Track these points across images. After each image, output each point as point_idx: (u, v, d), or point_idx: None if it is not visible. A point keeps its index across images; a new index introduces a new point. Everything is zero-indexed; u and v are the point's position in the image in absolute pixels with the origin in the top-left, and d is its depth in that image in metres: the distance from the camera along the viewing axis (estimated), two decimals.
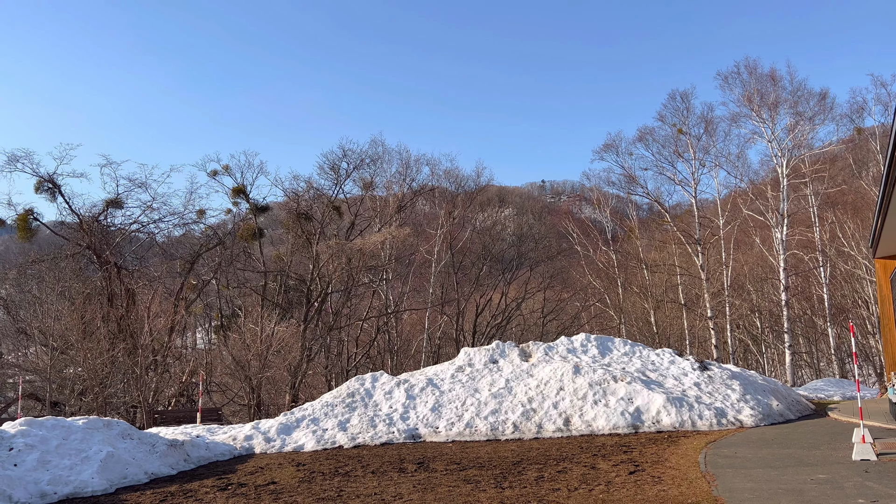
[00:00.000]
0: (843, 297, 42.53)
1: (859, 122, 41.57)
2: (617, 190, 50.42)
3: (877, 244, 22.24)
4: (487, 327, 42.03)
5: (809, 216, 41.10)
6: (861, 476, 9.84)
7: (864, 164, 41.29)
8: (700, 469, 11.10)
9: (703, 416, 16.81)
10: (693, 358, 21.02)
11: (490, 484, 10.89)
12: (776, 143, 38.60)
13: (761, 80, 39.84)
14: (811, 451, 12.42)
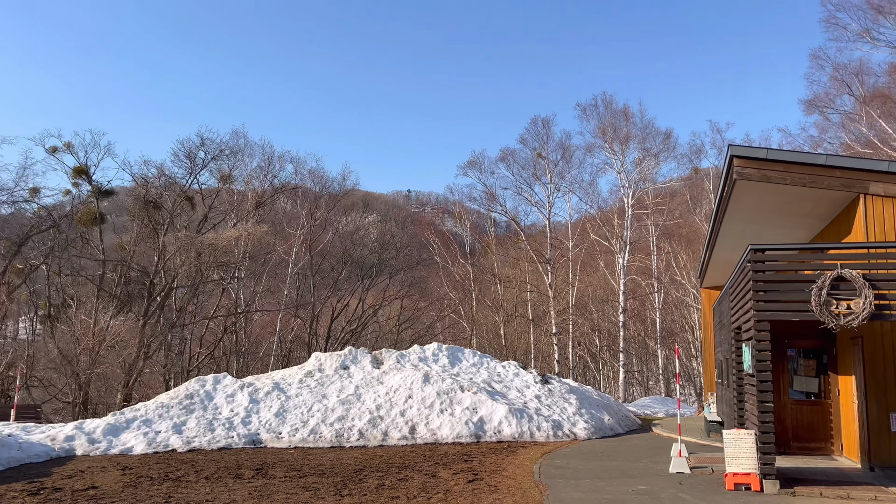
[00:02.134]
0: (672, 322, 46.18)
1: (697, 162, 45.49)
2: (478, 206, 51.86)
3: (704, 275, 24.40)
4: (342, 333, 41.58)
5: (649, 245, 44.36)
6: (675, 488, 10.68)
7: (699, 201, 45.16)
8: (534, 479, 11.57)
9: (541, 427, 17.56)
10: (536, 371, 21.94)
11: (329, 491, 10.73)
12: (625, 175, 41.38)
13: (616, 114, 42.63)
14: (635, 464, 13.32)
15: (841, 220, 13.65)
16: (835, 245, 11.95)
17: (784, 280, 10.63)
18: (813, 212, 14.21)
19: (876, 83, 34.07)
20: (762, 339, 10.48)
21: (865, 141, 32.40)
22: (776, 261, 11.07)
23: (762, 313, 10.46)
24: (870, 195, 11.96)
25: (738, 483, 10.35)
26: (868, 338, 11.70)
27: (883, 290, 9.99)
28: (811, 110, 36.87)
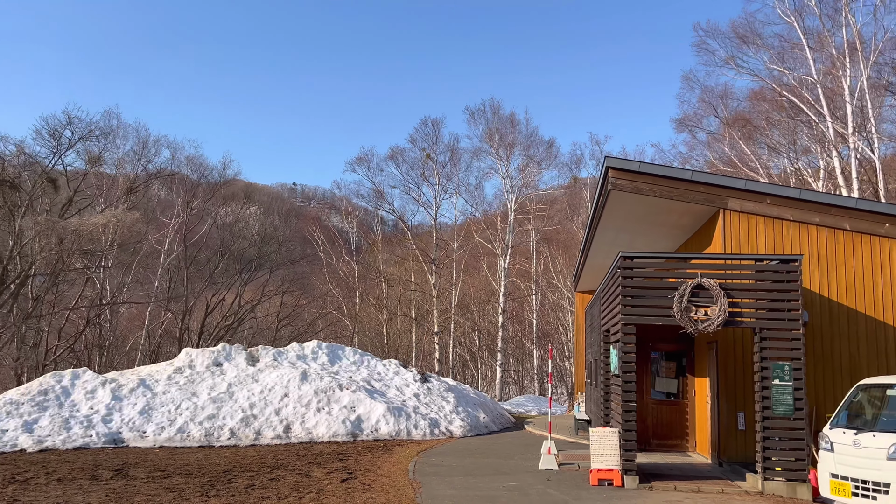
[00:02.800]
0: (548, 324, 47.92)
1: (577, 171, 47.48)
2: (366, 203, 51.56)
3: (578, 280, 25.47)
4: (217, 328, 39.97)
5: (529, 249, 45.81)
6: (544, 484, 11.06)
7: (577, 209, 47.14)
8: (409, 477, 11.62)
9: (418, 425, 17.67)
10: (416, 370, 22.06)
11: (195, 492, 10.27)
12: (509, 181, 42.50)
13: (502, 121, 43.70)
14: (507, 461, 13.69)
15: (703, 232, 14.66)
16: (696, 255, 12.79)
17: (650, 286, 11.26)
18: (679, 223, 15.17)
19: (738, 107, 36.91)
20: (628, 341, 11.06)
21: (727, 160, 34.99)
22: (644, 268, 11.73)
23: (629, 317, 11.04)
24: (728, 210, 12.92)
25: (602, 478, 10.87)
26: (722, 343, 12.62)
27: (736, 298, 10.82)
28: (681, 129, 39.39)
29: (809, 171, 32.90)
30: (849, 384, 11.48)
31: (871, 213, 12.61)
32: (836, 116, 28.32)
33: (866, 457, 8.46)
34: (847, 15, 27.86)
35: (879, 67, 28.88)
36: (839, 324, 12.44)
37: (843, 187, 27.80)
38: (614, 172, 13.28)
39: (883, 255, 12.53)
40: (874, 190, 27.50)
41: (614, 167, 13.33)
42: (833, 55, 28.38)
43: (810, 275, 12.50)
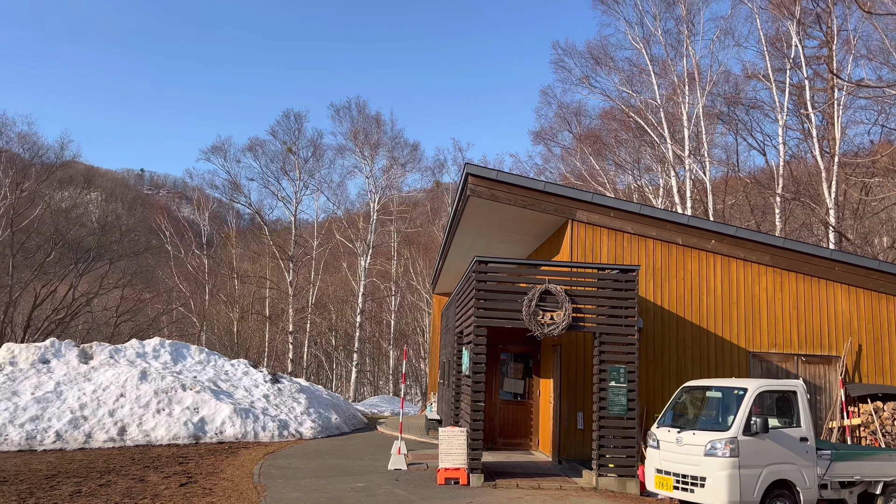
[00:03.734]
0: (406, 325, 48.27)
1: (440, 176, 48.25)
2: (220, 195, 49.38)
3: (436, 282, 25.88)
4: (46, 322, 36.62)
5: (390, 250, 45.94)
6: (392, 484, 11.10)
7: (438, 213, 47.87)
8: (253, 480, 11.24)
9: (266, 427, 17.15)
10: (267, 370, 21.41)
11: (11, 501, 9.34)
12: (373, 181, 42.42)
13: (368, 120, 43.55)
14: (357, 462, 13.61)
15: (553, 240, 15.39)
16: (546, 262, 13.40)
17: (502, 290, 11.64)
18: (531, 231, 15.82)
19: (591, 124, 39.15)
20: (480, 343, 11.37)
21: (578, 174, 37.00)
22: (497, 273, 12.11)
23: (481, 319, 11.35)
24: (576, 221, 13.64)
25: (449, 477, 11.08)
26: (565, 346, 13.30)
27: (580, 304, 11.44)
28: (538, 141, 41.21)
29: (650, 189, 35.54)
30: (676, 386, 12.46)
31: (700, 230, 13.81)
32: (676, 139, 30.78)
33: (687, 453, 9.23)
34: (688, 47, 30.40)
35: (713, 97, 31.75)
36: (669, 330, 13.51)
37: (678, 205, 30.26)
38: (473, 179, 13.62)
39: (709, 269, 13.75)
40: (704, 209, 30.14)
41: (474, 174, 13.67)
42: (675, 82, 30.84)
43: (646, 284, 13.47)
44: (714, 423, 9.48)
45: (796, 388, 9.60)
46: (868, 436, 12.99)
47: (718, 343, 13.54)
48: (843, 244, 25.23)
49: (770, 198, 29.94)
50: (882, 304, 13.84)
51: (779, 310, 13.72)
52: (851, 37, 27.05)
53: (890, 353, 13.78)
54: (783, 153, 28.73)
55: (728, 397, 9.60)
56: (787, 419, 9.39)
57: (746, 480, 8.78)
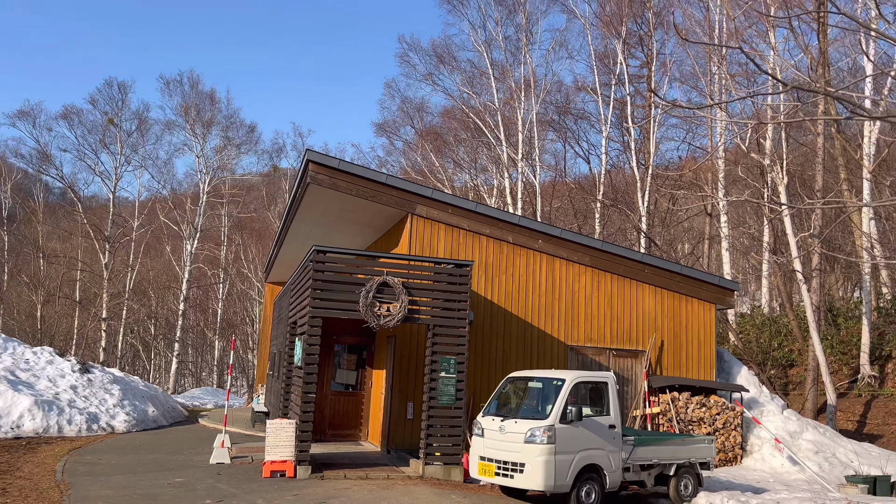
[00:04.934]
0: (234, 314, 46.37)
1: (277, 160, 46.84)
2: (26, 165, 44.48)
3: (270, 270, 25.13)
4: None
5: (220, 235, 43.87)
6: (214, 478, 10.65)
7: (274, 198, 46.48)
8: (56, 478, 10.29)
9: (73, 420, 15.76)
10: (76, 359, 19.64)
11: None
12: (203, 160, 40.22)
13: (201, 96, 41.20)
14: (175, 456, 12.89)
15: (392, 233, 15.51)
16: (385, 255, 13.47)
17: (340, 281, 11.54)
18: (372, 223, 15.84)
19: (432, 121, 39.89)
20: (314, 333, 11.20)
21: (419, 169, 37.59)
22: (336, 263, 11.98)
23: (317, 310, 11.19)
24: (416, 215, 13.85)
25: (275, 470, 10.82)
26: (400, 337, 13.47)
27: (416, 297, 11.62)
28: (381, 133, 41.32)
29: (485, 188, 36.92)
30: (501, 377, 13.03)
31: (529, 230, 14.57)
32: (511, 143, 32.20)
33: (509, 440, 9.72)
34: (526, 54, 31.89)
35: (546, 105, 33.60)
36: (497, 324, 14.13)
37: (510, 205, 31.70)
38: (314, 167, 13.38)
39: (536, 266, 14.55)
40: (533, 210, 31.85)
41: (315, 161, 13.42)
42: (512, 88, 32.23)
43: (478, 279, 13.98)
44: (534, 411, 10.06)
45: (608, 380, 10.43)
46: (665, 423, 14.42)
47: (541, 336, 14.38)
48: (651, 249, 27.77)
49: (592, 203, 32.26)
50: (682, 304, 15.40)
51: (595, 307, 14.82)
52: (668, 60, 29.81)
53: (687, 348, 15.38)
54: (605, 162, 31.07)
55: (548, 388, 10.22)
56: (598, 408, 10.17)
57: (561, 465, 9.41)
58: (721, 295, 15.72)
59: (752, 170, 24.66)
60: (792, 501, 10.19)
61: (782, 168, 20.97)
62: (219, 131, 41.42)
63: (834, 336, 22.56)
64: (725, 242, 26.52)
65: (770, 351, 23.62)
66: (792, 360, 23.37)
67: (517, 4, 32.19)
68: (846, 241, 25.80)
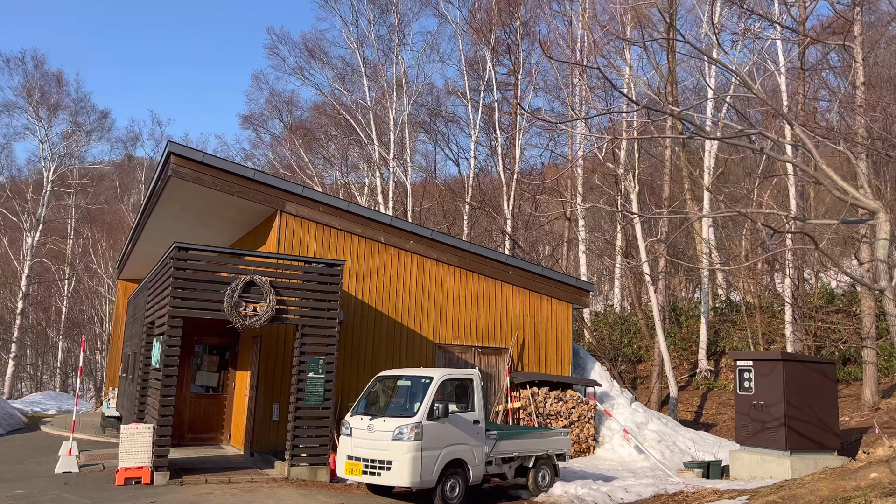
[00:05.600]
0: (81, 312, 43.09)
1: (133, 149, 44.13)
2: None
3: (124, 266, 23.66)
4: None
5: (67, 227, 40.63)
6: (60, 488, 9.95)
7: (129, 189, 43.75)
8: None
9: None
10: None
11: None
12: (48, 146, 37.11)
13: (47, 77, 37.98)
14: (15, 467, 11.90)
15: (260, 230, 15.14)
16: (252, 252, 13.14)
17: (203, 280, 11.14)
18: (238, 219, 15.37)
19: (302, 116, 39.20)
20: (174, 334, 10.74)
21: (287, 164, 36.77)
22: (198, 261, 11.56)
23: (178, 310, 10.74)
24: (285, 213, 13.61)
25: (130, 477, 10.28)
26: (266, 338, 13.19)
27: (284, 296, 11.45)
28: (247, 126, 40.03)
29: (356, 186, 36.77)
30: (370, 376, 13.10)
31: (401, 230, 14.75)
32: (382, 142, 32.28)
33: (377, 439, 9.82)
34: (398, 54, 32.08)
35: (418, 106, 33.99)
36: (368, 323, 14.19)
37: (381, 204, 31.79)
38: (177, 159, 12.79)
39: (407, 266, 14.75)
40: (404, 210, 32.13)
41: (177, 154, 12.84)
42: (384, 87, 32.32)
43: (349, 279, 13.97)
44: (402, 409, 10.23)
45: (473, 377, 10.79)
46: (526, 417, 15.10)
47: (410, 335, 14.60)
48: (515, 250, 28.87)
49: (460, 205, 33.02)
50: (543, 304, 16.18)
51: (463, 306, 15.25)
52: (534, 70, 31.11)
53: (546, 345, 16.17)
54: (473, 166, 31.91)
55: (416, 385, 10.42)
56: (464, 404, 10.50)
57: (427, 461, 9.64)
58: (578, 295, 16.67)
59: (608, 178, 26.32)
60: (637, 487, 11.04)
61: (634, 177, 22.54)
62: (66, 116, 38.42)
63: (677, 334, 24.52)
64: (583, 245, 28.09)
65: (621, 347, 25.31)
66: (640, 355, 25.15)
67: (390, 4, 32.34)
68: (689, 247, 28.13)
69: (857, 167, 8.72)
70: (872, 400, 16.69)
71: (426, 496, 9.98)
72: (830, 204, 23.62)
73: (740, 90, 21.49)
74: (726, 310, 25.52)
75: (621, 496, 10.53)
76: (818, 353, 19.73)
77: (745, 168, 25.96)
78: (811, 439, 12.98)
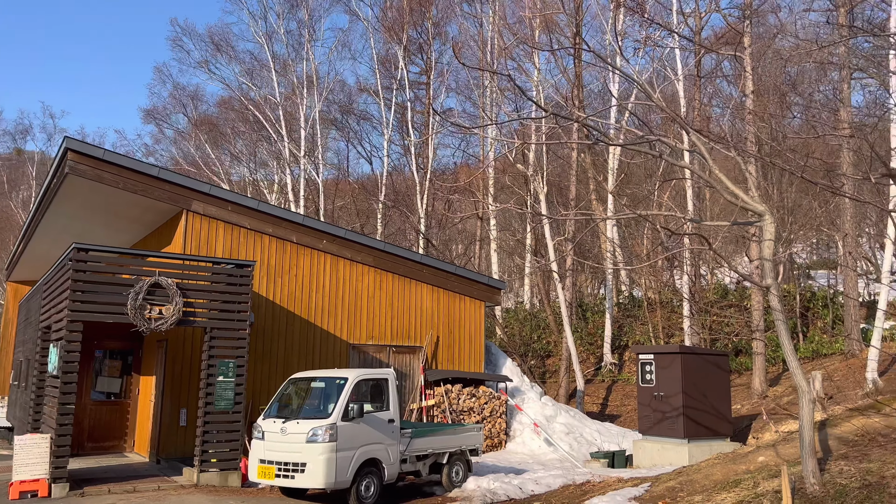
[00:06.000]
0: None
1: (22, 143, 41.52)
2: None
3: (14, 267, 22.25)
4: None
5: None
6: None
7: (18, 185, 41.14)
8: None
9: None
10: None
11: None
12: None
13: None
14: None
15: (165, 229, 14.62)
16: (157, 253, 12.68)
17: (104, 282, 10.68)
18: (142, 218, 14.78)
19: (208, 111, 37.99)
20: (73, 339, 10.25)
21: (192, 160, 35.56)
22: (99, 262, 11.06)
23: (77, 314, 10.25)
24: (192, 212, 13.21)
25: (25, 490, 9.75)
26: (172, 341, 12.77)
27: (192, 298, 11.12)
28: (149, 120, 38.45)
29: (266, 184, 35.99)
30: (283, 378, 12.93)
31: (314, 230, 14.60)
32: (293, 139, 31.73)
33: (290, 441, 9.73)
34: (308, 50, 31.63)
35: (329, 104, 33.63)
36: (280, 325, 13.98)
37: (292, 203, 31.26)
38: (74, 156, 12.18)
39: (320, 267, 14.62)
40: (316, 208, 31.72)
41: (75, 150, 12.22)
42: (294, 83, 31.78)
43: (260, 280, 13.71)
44: (317, 411, 10.17)
45: (388, 376, 10.85)
46: (439, 414, 15.29)
47: (324, 336, 14.49)
48: (429, 249, 29.08)
49: (374, 203, 32.93)
50: (456, 302, 16.41)
51: (377, 306, 15.27)
52: (445, 71, 31.39)
53: (460, 343, 16.42)
54: (386, 164, 31.89)
55: (330, 387, 10.39)
56: (379, 404, 10.55)
57: (342, 462, 9.63)
58: (490, 293, 17.01)
59: (518, 178, 26.93)
60: (547, 478, 11.42)
61: (543, 178, 23.18)
62: None
63: (583, 329, 25.40)
64: (494, 244, 28.62)
65: (531, 343, 25.97)
66: (549, 350, 25.89)
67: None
68: (594, 245, 29.17)
69: (747, 172, 9.33)
70: (761, 388, 17.89)
71: (340, 497, 9.98)
72: (724, 204, 25.09)
73: (641, 96, 22.51)
74: (629, 305, 26.64)
75: (532, 488, 10.86)
76: (713, 346, 20.93)
77: (646, 170, 27.15)
78: (706, 427, 13.79)
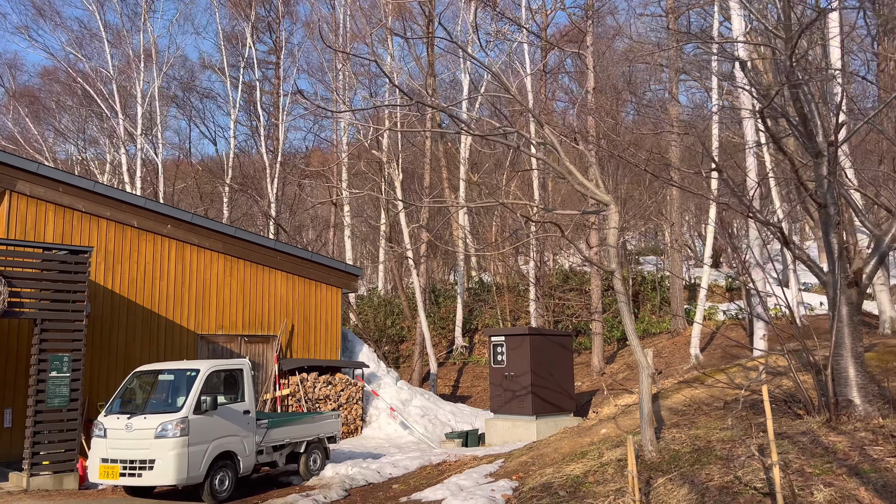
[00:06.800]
0: None
1: None
2: None
3: None
4: None
5: None
6: None
7: None
8: None
9: None
10: None
11: None
12: None
13: None
14: None
15: None
16: None
17: None
18: None
19: (29, 81, 34.39)
20: None
21: (10, 135, 32.06)
22: None
23: None
24: (17, 192, 11.96)
25: None
26: None
27: (18, 287, 10.11)
28: None
29: (96, 163, 33.24)
30: (124, 372, 12.11)
31: (157, 214, 13.73)
32: (128, 115, 29.51)
33: (137, 438, 9.16)
34: (146, 21, 29.47)
35: (169, 79, 31.62)
36: (120, 315, 13.04)
37: (127, 184, 29.12)
38: None
39: (164, 253, 13.78)
40: (154, 190, 29.78)
41: None
42: (130, 55, 29.52)
43: (97, 267, 12.70)
44: (166, 405, 9.64)
45: (243, 367, 10.49)
46: (295, 403, 15.03)
47: (169, 327, 13.71)
48: (280, 235, 28.32)
49: (219, 186, 31.47)
50: (311, 290, 16.16)
51: (227, 294, 14.68)
52: (296, 51, 30.58)
53: (315, 331, 16.20)
54: (233, 146, 30.58)
55: (180, 379, 9.88)
56: (233, 395, 10.18)
57: (194, 457, 9.21)
58: (347, 280, 16.92)
59: (373, 164, 26.88)
60: (404, 461, 11.61)
61: (398, 165, 23.32)
62: None
63: (436, 314, 25.95)
64: (348, 230, 28.42)
65: (385, 329, 26.14)
66: (403, 335, 26.21)
67: None
68: (446, 231, 29.83)
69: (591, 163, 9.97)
70: (599, 366, 19.26)
71: (192, 492, 9.55)
72: (566, 194, 26.62)
73: (492, 87, 23.23)
74: (479, 290, 27.56)
75: (390, 471, 11.00)
76: (557, 327, 22.21)
77: (494, 160, 28.12)
78: (553, 404, 14.65)
